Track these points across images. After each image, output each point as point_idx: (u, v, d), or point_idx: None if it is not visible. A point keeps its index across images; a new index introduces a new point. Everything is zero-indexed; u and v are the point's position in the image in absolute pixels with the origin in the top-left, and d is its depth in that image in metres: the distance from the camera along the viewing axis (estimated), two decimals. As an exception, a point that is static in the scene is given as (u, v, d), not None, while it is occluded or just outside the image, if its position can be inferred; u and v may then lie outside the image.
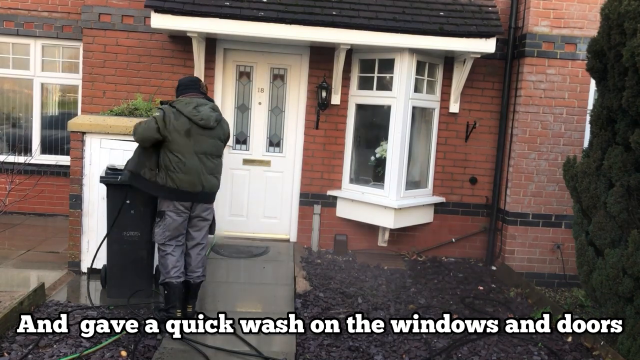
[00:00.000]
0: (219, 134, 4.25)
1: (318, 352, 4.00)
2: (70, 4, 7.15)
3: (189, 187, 4.10)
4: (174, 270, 4.20)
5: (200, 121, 4.08)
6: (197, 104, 4.14)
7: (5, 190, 5.43)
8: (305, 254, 6.32)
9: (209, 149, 4.18)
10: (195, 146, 4.10)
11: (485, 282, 5.93)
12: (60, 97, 7.54)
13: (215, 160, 4.24)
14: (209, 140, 4.17)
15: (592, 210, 4.37)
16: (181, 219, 4.20)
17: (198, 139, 4.11)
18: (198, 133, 4.10)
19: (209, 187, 4.21)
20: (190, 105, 4.11)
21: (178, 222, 4.19)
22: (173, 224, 4.18)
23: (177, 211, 4.17)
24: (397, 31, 5.70)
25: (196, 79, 4.37)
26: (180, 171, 4.07)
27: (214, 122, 4.17)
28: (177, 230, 4.22)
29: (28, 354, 3.60)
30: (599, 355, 4.18)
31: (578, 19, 6.04)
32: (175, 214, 4.17)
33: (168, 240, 4.21)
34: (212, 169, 4.22)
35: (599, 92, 4.48)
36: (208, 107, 4.18)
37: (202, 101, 4.20)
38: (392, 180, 6.16)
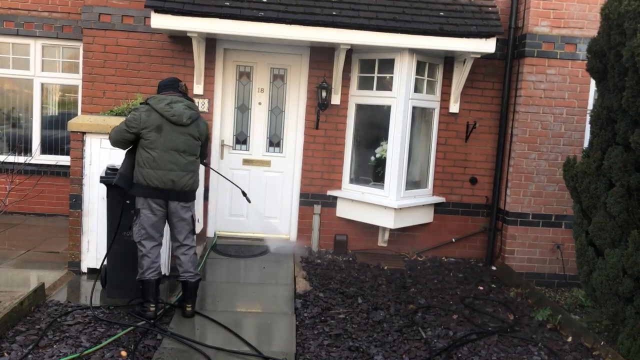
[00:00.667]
0: (193, 132, 4.22)
1: (318, 352, 4.00)
2: (70, 4, 7.15)
3: (158, 184, 4.11)
4: (149, 271, 4.28)
5: (172, 117, 4.08)
6: (171, 100, 4.16)
7: (5, 190, 5.43)
8: (305, 254, 6.33)
9: (181, 145, 4.15)
10: (166, 142, 4.10)
11: (485, 282, 5.93)
12: (60, 97, 7.55)
13: (188, 158, 4.20)
14: (181, 137, 4.15)
15: (592, 210, 4.37)
16: (155, 218, 4.22)
17: (170, 135, 4.11)
18: (169, 129, 4.10)
19: (181, 184, 4.17)
20: (164, 101, 4.14)
21: (152, 220, 4.21)
22: (147, 222, 4.20)
23: (150, 209, 4.19)
24: (397, 31, 5.70)
25: (174, 79, 4.42)
26: (149, 167, 4.10)
27: (187, 119, 4.15)
28: (153, 228, 4.24)
29: (28, 354, 3.60)
30: (599, 355, 4.18)
31: (578, 19, 6.04)
32: (149, 211, 4.19)
33: (144, 239, 4.24)
34: (184, 165, 4.18)
35: (599, 92, 4.48)
36: (183, 104, 4.17)
37: (178, 98, 4.21)
38: (392, 180, 6.16)
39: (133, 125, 4.11)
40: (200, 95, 6.36)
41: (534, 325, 4.79)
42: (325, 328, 4.41)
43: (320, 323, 4.51)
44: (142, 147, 4.14)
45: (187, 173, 4.22)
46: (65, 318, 4.19)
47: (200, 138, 4.31)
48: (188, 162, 4.21)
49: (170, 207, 4.23)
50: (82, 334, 3.94)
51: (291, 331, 4.30)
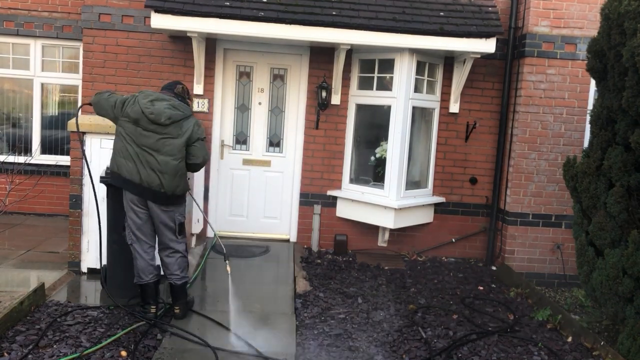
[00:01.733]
0: (173, 133, 4.08)
1: (318, 352, 4.00)
2: (70, 4, 7.15)
3: (129, 175, 4.06)
4: (145, 273, 4.29)
5: (149, 114, 4.01)
6: (155, 98, 4.10)
7: (5, 190, 5.43)
8: (305, 254, 6.33)
9: (154, 144, 4.04)
10: (139, 138, 4.04)
11: (485, 282, 5.93)
12: (60, 97, 7.55)
13: (159, 157, 4.05)
14: (156, 135, 4.04)
15: (592, 210, 4.37)
16: (140, 221, 4.20)
17: (143, 132, 4.04)
18: (144, 126, 4.03)
19: (148, 182, 4.05)
20: (148, 97, 4.10)
21: (138, 223, 4.20)
22: (134, 226, 4.22)
23: (134, 211, 4.18)
24: (397, 31, 5.70)
25: (174, 82, 4.43)
26: (122, 156, 4.08)
27: (166, 119, 4.04)
28: (140, 231, 4.23)
29: (28, 354, 3.60)
30: (599, 355, 4.18)
31: (578, 19, 6.04)
32: (133, 214, 4.19)
33: (134, 242, 4.26)
34: (152, 164, 4.04)
35: (599, 92, 4.48)
36: (166, 104, 4.09)
37: (164, 97, 4.16)
38: (392, 180, 6.16)
39: (119, 105, 4.11)
40: (200, 95, 6.36)
41: (534, 325, 4.79)
42: (325, 328, 4.41)
43: (320, 323, 4.51)
44: (118, 135, 4.14)
45: (163, 175, 4.06)
46: (65, 318, 4.19)
47: (187, 141, 4.13)
48: (159, 163, 4.04)
49: (150, 207, 4.16)
50: (82, 334, 3.94)
51: (291, 331, 4.30)
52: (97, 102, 4.24)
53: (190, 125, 4.17)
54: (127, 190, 4.14)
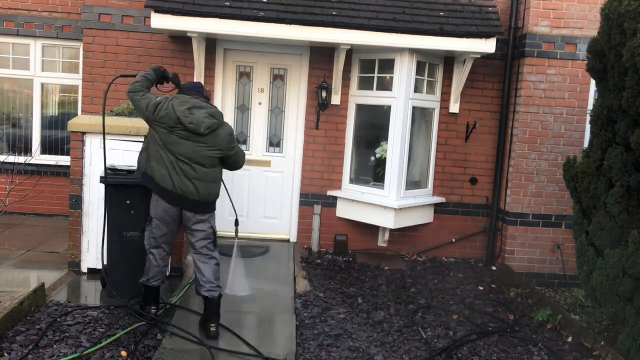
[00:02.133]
0: (211, 143, 3.94)
1: (318, 352, 4.00)
2: (70, 4, 7.15)
3: (162, 182, 3.91)
4: (155, 278, 4.26)
5: (189, 124, 3.84)
6: (192, 105, 3.91)
7: (5, 190, 5.42)
8: (305, 254, 6.33)
9: (193, 155, 3.91)
10: (173, 145, 3.89)
11: (485, 282, 5.93)
12: (60, 97, 7.54)
13: (195, 165, 3.92)
14: (192, 144, 3.89)
15: (592, 211, 4.37)
16: (167, 229, 4.09)
17: (179, 140, 3.88)
18: (182, 136, 3.88)
19: (182, 189, 3.91)
20: (186, 105, 3.90)
21: (163, 231, 4.09)
22: (158, 232, 4.10)
23: (163, 219, 4.05)
24: (397, 31, 5.70)
25: (199, 84, 4.25)
26: (155, 160, 3.94)
27: (205, 129, 3.87)
28: (163, 239, 4.14)
29: (28, 354, 3.60)
30: (599, 355, 4.18)
31: (578, 19, 6.04)
32: (161, 221, 4.06)
33: (153, 248, 4.16)
34: (188, 172, 3.91)
35: (599, 92, 4.48)
36: (204, 112, 3.91)
37: (201, 104, 3.96)
38: (392, 180, 6.16)
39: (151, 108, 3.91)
40: (200, 95, 6.35)
41: (534, 325, 4.79)
42: (325, 328, 4.41)
43: (320, 323, 4.51)
44: (151, 138, 3.98)
45: (198, 182, 3.94)
46: (65, 318, 4.19)
47: (223, 150, 4.01)
48: (200, 172, 3.94)
49: (184, 216, 4.04)
50: (82, 334, 3.94)
51: (291, 331, 4.30)
52: (132, 98, 4.03)
53: (225, 135, 4.03)
54: (159, 196, 3.98)
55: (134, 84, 4.07)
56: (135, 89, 4.05)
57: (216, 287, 4.11)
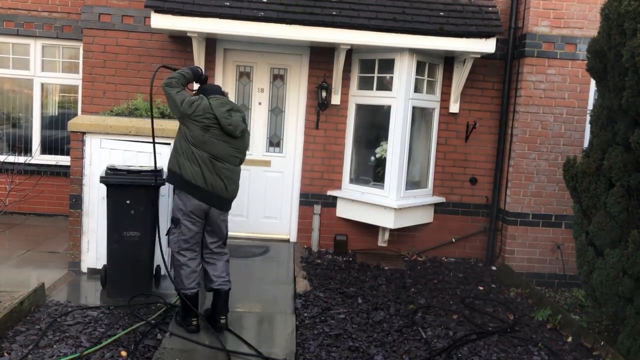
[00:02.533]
0: (240, 146, 4.07)
1: (318, 352, 4.00)
2: (70, 4, 7.15)
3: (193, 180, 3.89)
4: (189, 281, 4.08)
5: (227, 126, 3.91)
6: (231, 107, 3.99)
7: (5, 190, 5.42)
8: (305, 254, 6.33)
9: (226, 156, 3.99)
10: (207, 144, 3.90)
11: (485, 282, 5.93)
12: (60, 97, 7.55)
13: (228, 165, 4.01)
14: (227, 146, 3.97)
15: (592, 210, 4.37)
16: (196, 229, 4.04)
17: (214, 141, 3.92)
18: (216, 136, 3.91)
19: (213, 186, 3.94)
20: (225, 107, 3.95)
21: (193, 231, 4.03)
22: (189, 234, 4.02)
23: (191, 219, 4.00)
24: (397, 31, 5.70)
25: (219, 86, 4.29)
26: (187, 158, 3.90)
27: (240, 132, 3.99)
28: (194, 240, 4.07)
29: (28, 354, 3.60)
30: (599, 355, 4.18)
31: (578, 19, 6.04)
32: (189, 221, 4.00)
33: (184, 250, 4.06)
34: (221, 171, 3.97)
35: (599, 92, 4.48)
36: (240, 116, 4.03)
37: (238, 107, 4.09)
38: (392, 180, 6.16)
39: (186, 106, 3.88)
40: (200, 95, 6.35)
41: (534, 325, 4.79)
42: (325, 328, 4.41)
43: (320, 323, 4.51)
44: (182, 135, 3.95)
45: (229, 180, 4.03)
46: (65, 318, 4.19)
47: (244, 151, 4.18)
48: (233, 171, 4.04)
49: (210, 214, 4.04)
50: (82, 334, 3.94)
51: (291, 331, 4.30)
52: (167, 92, 3.98)
53: (248, 137, 4.25)
54: (191, 194, 3.93)
55: (170, 79, 4.03)
56: (171, 84, 4.02)
57: (227, 282, 4.19)
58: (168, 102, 4.07)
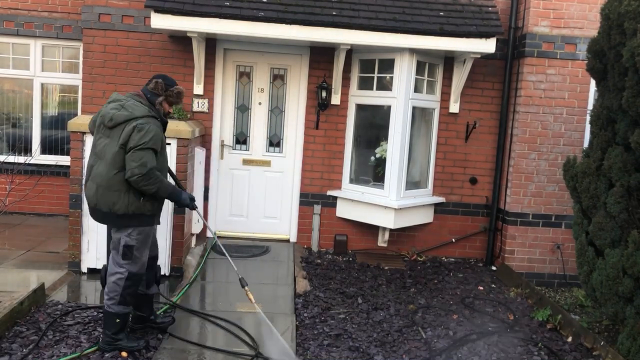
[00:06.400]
0: (116, 137, 3.51)
1: (318, 352, 4.00)
2: (70, 4, 7.15)
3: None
4: None
5: (100, 117, 3.64)
6: (111, 99, 3.70)
7: (5, 190, 5.43)
8: (305, 254, 6.33)
9: (100, 150, 3.59)
10: (95, 146, 3.65)
11: (485, 282, 5.93)
12: (60, 97, 7.55)
13: (100, 167, 3.55)
14: (105, 140, 3.57)
15: (592, 210, 4.37)
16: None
17: (98, 138, 3.63)
18: (102, 132, 3.61)
19: (87, 196, 3.65)
20: (109, 100, 3.72)
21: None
22: None
23: None
24: (397, 31, 5.70)
25: (152, 76, 3.90)
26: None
27: (109, 120, 3.54)
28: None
29: (28, 354, 3.60)
30: (599, 355, 4.18)
31: (578, 19, 6.04)
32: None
33: None
34: (95, 176, 3.59)
35: (599, 92, 4.48)
36: (114, 104, 3.61)
37: (118, 97, 3.69)
38: (392, 180, 6.16)
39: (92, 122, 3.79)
40: (200, 95, 6.36)
41: (534, 325, 4.79)
42: (325, 328, 4.41)
43: (320, 323, 4.51)
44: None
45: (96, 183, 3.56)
46: (65, 318, 4.19)
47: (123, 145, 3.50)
48: (99, 172, 3.55)
49: None
50: (82, 334, 3.94)
51: (291, 331, 4.30)
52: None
53: (132, 130, 3.51)
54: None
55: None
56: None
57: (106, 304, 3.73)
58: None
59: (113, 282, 3.67)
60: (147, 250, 3.80)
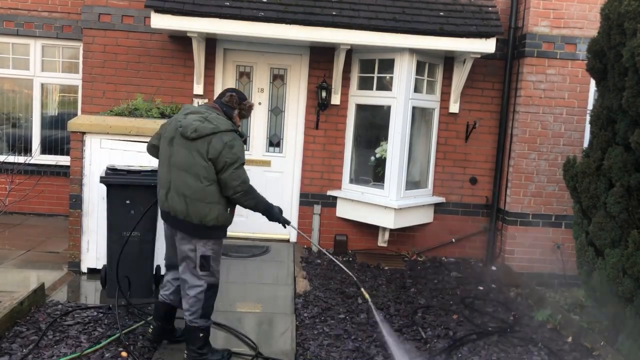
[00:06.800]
0: (200, 149, 3.41)
1: (318, 352, 4.00)
2: (70, 4, 7.15)
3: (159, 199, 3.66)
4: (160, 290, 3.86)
5: (179, 128, 3.48)
6: (189, 111, 3.60)
7: (5, 190, 5.43)
8: (305, 254, 6.33)
9: (182, 162, 3.46)
10: (172, 156, 3.52)
11: (485, 282, 5.93)
12: (60, 97, 7.54)
13: (187, 179, 3.44)
14: (185, 151, 3.45)
15: (592, 210, 4.37)
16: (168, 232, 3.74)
17: (177, 149, 3.50)
18: (178, 143, 3.49)
19: (172, 208, 3.50)
20: (183, 111, 3.63)
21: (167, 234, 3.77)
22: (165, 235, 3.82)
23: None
24: (397, 31, 5.70)
25: (225, 90, 3.80)
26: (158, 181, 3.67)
27: (192, 132, 3.41)
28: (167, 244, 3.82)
29: (28, 354, 3.60)
30: (599, 355, 4.18)
31: (578, 19, 6.04)
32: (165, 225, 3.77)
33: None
34: (179, 187, 3.46)
35: (599, 92, 4.48)
36: (197, 116, 3.50)
37: (199, 109, 3.60)
38: (392, 180, 6.16)
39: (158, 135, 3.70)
40: (200, 95, 6.36)
41: (534, 325, 4.79)
42: (325, 328, 4.41)
43: (320, 323, 4.51)
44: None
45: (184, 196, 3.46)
46: (65, 318, 4.19)
47: (213, 159, 3.41)
48: (187, 185, 3.45)
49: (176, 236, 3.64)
50: (82, 334, 3.94)
51: (291, 331, 4.30)
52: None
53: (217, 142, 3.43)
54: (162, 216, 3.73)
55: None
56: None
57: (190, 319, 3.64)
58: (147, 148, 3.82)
59: (193, 296, 3.56)
60: (220, 260, 3.76)
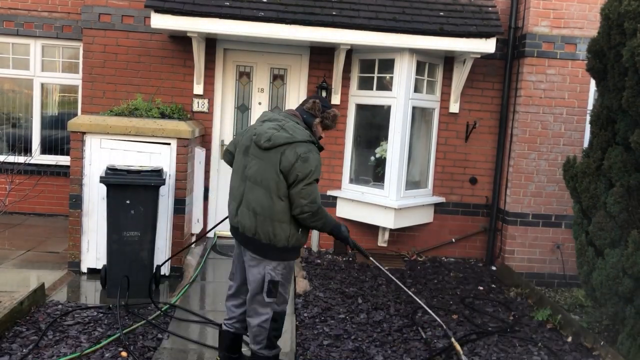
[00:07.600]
0: (274, 161, 3.12)
1: (318, 352, 4.00)
2: (70, 4, 7.15)
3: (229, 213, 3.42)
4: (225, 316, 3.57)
5: (254, 136, 3.22)
6: (267, 118, 3.32)
7: (5, 190, 5.42)
8: (305, 254, 6.33)
9: (254, 174, 3.19)
10: (246, 168, 3.26)
11: (485, 282, 5.93)
12: (60, 97, 7.54)
13: (258, 193, 3.16)
14: (259, 162, 3.18)
15: (592, 210, 4.37)
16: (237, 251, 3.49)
17: (251, 159, 3.23)
18: (253, 153, 3.22)
19: (241, 224, 3.25)
20: (261, 118, 3.37)
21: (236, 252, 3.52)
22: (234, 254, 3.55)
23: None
24: (397, 31, 5.70)
25: (308, 97, 3.58)
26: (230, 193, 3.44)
27: (265, 141, 3.13)
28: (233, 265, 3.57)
29: (28, 354, 3.60)
30: (599, 355, 4.18)
31: (578, 19, 6.04)
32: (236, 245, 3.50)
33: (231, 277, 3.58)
34: (250, 201, 3.20)
35: (599, 92, 4.48)
36: (273, 124, 3.22)
37: (276, 117, 3.31)
38: (392, 180, 6.16)
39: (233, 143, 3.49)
40: (200, 95, 6.36)
41: (534, 325, 4.79)
42: (325, 328, 4.41)
43: (320, 323, 4.51)
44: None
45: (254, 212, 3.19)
46: (65, 318, 4.19)
47: (286, 173, 3.14)
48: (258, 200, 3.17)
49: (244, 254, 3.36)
50: (82, 334, 3.94)
51: (291, 331, 4.30)
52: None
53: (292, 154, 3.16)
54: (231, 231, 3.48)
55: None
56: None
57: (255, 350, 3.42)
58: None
59: (258, 326, 3.28)
60: (290, 286, 3.43)
